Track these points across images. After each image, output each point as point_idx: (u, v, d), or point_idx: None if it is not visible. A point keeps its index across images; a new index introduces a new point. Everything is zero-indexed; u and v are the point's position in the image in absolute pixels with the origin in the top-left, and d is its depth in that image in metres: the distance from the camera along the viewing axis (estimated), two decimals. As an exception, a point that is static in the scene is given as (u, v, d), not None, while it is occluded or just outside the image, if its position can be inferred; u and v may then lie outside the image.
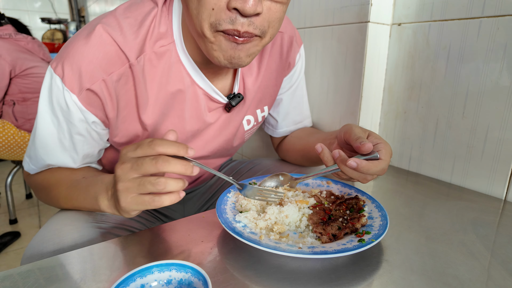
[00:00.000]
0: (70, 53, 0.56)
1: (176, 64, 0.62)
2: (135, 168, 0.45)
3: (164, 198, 0.46)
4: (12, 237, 1.87)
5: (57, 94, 0.58)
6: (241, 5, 0.46)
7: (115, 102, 0.60)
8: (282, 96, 0.86)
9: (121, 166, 0.47)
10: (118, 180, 0.47)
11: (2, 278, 0.44)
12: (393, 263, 0.48)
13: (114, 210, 0.53)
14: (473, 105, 0.75)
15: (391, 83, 0.92)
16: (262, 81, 0.75)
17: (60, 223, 0.59)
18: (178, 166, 0.45)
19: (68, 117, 0.60)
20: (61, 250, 0.53)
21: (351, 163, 0.50)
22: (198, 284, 0.38)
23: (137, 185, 0.45)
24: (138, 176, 0.46)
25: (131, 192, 0.46)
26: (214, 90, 0.66)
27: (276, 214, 0.54)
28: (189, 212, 0.92)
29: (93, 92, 0.57)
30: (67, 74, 0.56)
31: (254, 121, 0.80)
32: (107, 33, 0.56)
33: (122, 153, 0.48)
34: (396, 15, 0.87)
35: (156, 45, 0.59)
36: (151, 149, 0.45)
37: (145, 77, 0.60)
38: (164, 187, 0.44)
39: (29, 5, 3.92)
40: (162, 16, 0.60)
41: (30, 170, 0.68)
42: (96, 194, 0.55)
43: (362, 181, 0.55)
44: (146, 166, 0.45)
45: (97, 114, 0.60)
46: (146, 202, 0.46)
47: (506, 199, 0.72)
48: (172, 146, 0.45)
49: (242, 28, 0.49)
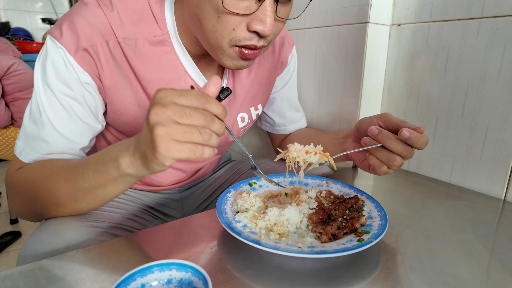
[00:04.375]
0: (70, 16, 0.58)
1: (170, 53, 0.64)
2: (180, 115, 0.41)
3: (206, 149, 0.43)
4: (13, 236, 1.87)
5: (52, 56, 0.57)
6: (262, 29, 0.52)
7: (111, 69, 0.60)
8: (275, 95, 0.88)
9: (161, 109, 0.41)
10: (157, 123, 0.41)
11: (2, 278, 0.44)
12: (392, 262, 0.49)
13: (138, 167, 0.48)
14: (472, 105, 0.75)
15: (391, 84, 0.92)
16: (255, 78, 0.77)
17: (55, 223, 0.58)
18: (219, 126, 0.44)
19: (62, 80, 0.58)
20: (56, 250, 0.52)
21: (405, 132, 0.53)
22: (198, 283, 0.38)
23: (182, 131, 0.42)
24: (179, 124, 0.42)
25: (172, 138, 0.42)
26: (204, 81, 0.68)
27: (276, 216, 0.54)
28: (188, 210, 0.92)
29: (89, 53, 0.58)
30: (65, 34, 0.56)
31: (248, 119, 0.81)
32: (99, 6, 0.58)
33: (159, 96, 0.43)
34: (396, 15, 0.88)
35: (150, 33, 0.61)
36: (199, 103, 0.43)
37: (140, 59, 0.61)
38: (209, 138, 0.43)
39: (30, 6, 3.92)
40: (155, 7, 0.61)
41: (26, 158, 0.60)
42: (113, 157, 0.50)
43: (405, 154, 0.55)
44: (194, 118, 0.42)
45: (92, 76, 0.59)
46: (189, 150, 0.42)
47: (505, 199, 0.72)
48: (219, 107, 0.44)
49: (258, 43, 0.55)
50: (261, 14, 0.52)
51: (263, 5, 0.51)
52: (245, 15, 0.52)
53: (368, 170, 0.63)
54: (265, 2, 0.51)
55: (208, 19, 0.53)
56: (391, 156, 0.55)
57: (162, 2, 0.62)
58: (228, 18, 0.52)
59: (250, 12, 0.52)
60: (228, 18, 0.52)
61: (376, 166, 0.58)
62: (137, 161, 0.48)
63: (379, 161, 0.57)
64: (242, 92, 0.75)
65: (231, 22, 0.53)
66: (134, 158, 0.48)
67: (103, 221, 0.63)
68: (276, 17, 0.55)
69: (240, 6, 0.51)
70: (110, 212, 0.70)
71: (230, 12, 0.51)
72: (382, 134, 0.55)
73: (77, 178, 0.53)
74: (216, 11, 0.52)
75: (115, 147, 0.52)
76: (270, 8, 0.52)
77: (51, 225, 0.57)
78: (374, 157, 0.58)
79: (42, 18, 3.89)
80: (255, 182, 0.68)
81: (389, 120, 0.58)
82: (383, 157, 0.56)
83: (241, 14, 0.52)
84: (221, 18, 0.52)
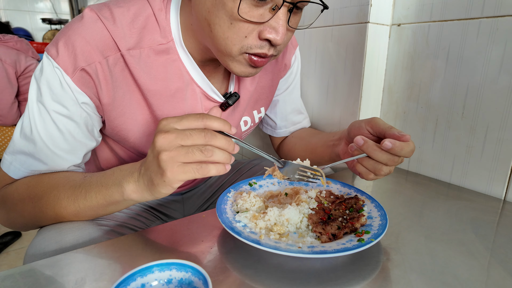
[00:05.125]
0: (66, 34, 0.55)
1: (175, 62, 0.62)
2: (182, 137, 0.44)
3: (211, 166, 0.45)
4: (13, 236, 1.87)
5: (48, 75, 0.56)
6: (274, 37, 0.52)
7: (110, 87, 0.59)
8: (278, 98, 0.87)
9: (164, 135, 0.45)
10: (162, 149, 0.45)
11: (3, 278, 0.44)
12: (392, 262, 0.49)
13: (142, 193, 0.51)
14: (472, 105, 0.75)
15: (391, 84, 0.92)
16: (259, 82, 0.76)
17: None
18: (223, 141, 0.46)
19: (57, 100, 0.57)
20: (62, 248, 0.53)
21: (387, 143, 0.52)
22: (198, 283, 0.38)
23: (185, 153, 0.44)
24: (183, 145, 0.45)
25: (177, 161, 0.45)
26: (212, 88, 0.67)
27: (276, 216, 0.54)
28: (189, 211, 0.92)
29: (88, 73, 0.56)
30: (61, 53, 0.55)
31: (251, 122, 0.80)
32: (100, 19, 0.56)
33: (162, 124, 0.46)
34: (396, 15, 0.88)
35: (155, 42, 0.59)
36: (199, 122, 0.46)
37: (145, 70, 0.59)
38: (212, 154, 0.45)
39: (30, 6, 3.92)
40: (160, 14, 0.60)
41: (15, 174, 0.60)
42: (118, 181, 0.52)
43: (391, 164, 0.55)
44: (195, 137, 0.45)
45: (90, 96, 0.58)
46: (194, 170, 0.45)
47: (506, 199, 0.72)
48: (219, 122, 0.47)
49: (269, 52, 0.55)
50: (274, 23, 0.52)
51: (277, 14, 0.51)
52: (258, 23, 0.52)
53: (358, 175, 0.62)
54: (279, 11, 0.51)
55: (219, 25, 0.52)
56: (377, 165, 0.55)
57: (167, 9, 0.61)
58: (241, 26, 0.52)
59: (263, 21, 0.52)
60: (241, 26, 0.52)
61: (363, 173, 0.58)
62: (142, 187, 0.50)
63: (366, 169, 0.57)
64: (246, 97, 0.74)
65: (243, 30, 0.52)
66: (138, 184, 0.51)
67: (109, 219, 0.63)
68: (288, 27, 0.54)
69: (254, 14, 0.51)
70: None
71: (243, 19, 0.51)
72: (367, 145, 0.55)
73: (79, 197, 0.54)
74: (229, 18, 0.51)
75: (119, 172, 0.54)
76: (283, 17, 0.52)
77: (58, 223, 0.58)
78: (361, 165, 0.58)
79: (42, 18, 3.89)
80: (255, 182, 0.68)
81: (376, 125, 0.58)
82: (369, 166, 0.56)
83: (255, 22, 0.51)
84: (234, 25, 0.52)
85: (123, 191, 0.51)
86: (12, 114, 1.93)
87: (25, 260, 0.54)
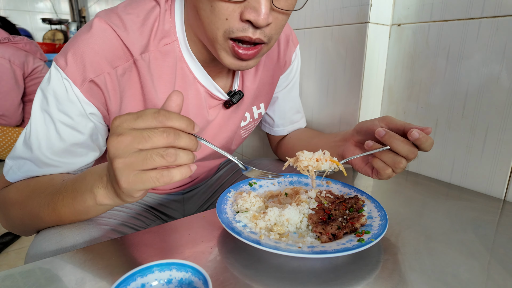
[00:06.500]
0: (75, 44, 0.55)
1: (179, 62, 0.62)
2: (139, 141, 0.38)
3: (174, 172, 0.40)
4: (13, 236, 1.87)
5: (55, 85, 0.55)
6: (254, 18, 0.49)
7: (118, 96, 0.59)
8: (278, 95, 0.87)
9: (117, 139, 0.38)
10: (115, 156, 0.39)
11: (3, 278, 0.44)
12: (392, 262, 0.49)
13: (113, 198, 0.46)
14: (472, 105, 0.75)
15: (391, 84, 0.92)
16: (260, 78, 0.76)
17: None
18: (187, 140, 0.40)
19: (63, 110, 0.57)
20: (63, 248, 0.53)
21: (415, 133, 0.52)
22: (198, 283, 0.38)
23: (142, 159, 0.38)
24: (141, 150, 0.39)
25: (134, 169, 0.39)
26: (216, 87, 0.67)
27: (276, 216, 0.54)
28: (189, 211, 0.92)
29: (96, 84, 0.56)
30: (70, 64, 0.54)
31: (250, 118, 0.80)
32: (111, 27, 0.56)
33: (115, 124, 0.40)
34: (396, 15, 0.88)
35: (161, 43, 0.60)
36: (158, 122, 0.39)
37: (152, 74, 0.60)
38: (175, 158, 0.39)
39: (30, 6, 3.93)
40: (165, 14, 0.60)
41: (11, 177, 0.60)
42: (89, 187, 0.48)
43: (411, 157, 0.54)
44: (155, 139, 0.38)
45: (98, 106, 0.59)
46: (154, 178, 0.39)
47: (506, 199, 0.72)
48: (181, 120, 0.40)
49: (254, 35, 0.52)
50: (254, 2, 0.48)
51: None
52: (238, 2, 0.49)
53: (370, 174, 0.61)
54: None
55: (203, 9, 0.51)
56: (397, 158, 0.54)
57: (172, 9, 0.61)
58: (221, 7, 0.49)
59: (242, 0, 0.49)
60: (221, 7, 0.49)
61: (381, 169, 0.56)
62: (111, 193, 0.46)
63: (384, 164, 0.56)
64: (249, 94, 0.75)
65: (223, 11, 0.50)
66: (107, 190, 0.47)
67: (110, 218, 0.63)
68: (274, 7, 0.51)
69: None
70: (116, 210, 0.71)
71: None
72: (389, 135, 0.54)
73: (57, 204, 0.52)
74: (209, 0, 0.50)
75: (90, 176, 0.50)
76: None
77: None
78: (379, 159, 0.57)
79: (42, 18, 3.89)
80: (255, 182, 0.68)
81: (392, 122, 0.57)
82: (388, 160, 0.55)
83: (233, 1, 0.49)
84: (214, 7, 0.50)
85: (95, 197, 0.47)
86: (17, 115, 1.94)
87: (26, 261, 0.54)
